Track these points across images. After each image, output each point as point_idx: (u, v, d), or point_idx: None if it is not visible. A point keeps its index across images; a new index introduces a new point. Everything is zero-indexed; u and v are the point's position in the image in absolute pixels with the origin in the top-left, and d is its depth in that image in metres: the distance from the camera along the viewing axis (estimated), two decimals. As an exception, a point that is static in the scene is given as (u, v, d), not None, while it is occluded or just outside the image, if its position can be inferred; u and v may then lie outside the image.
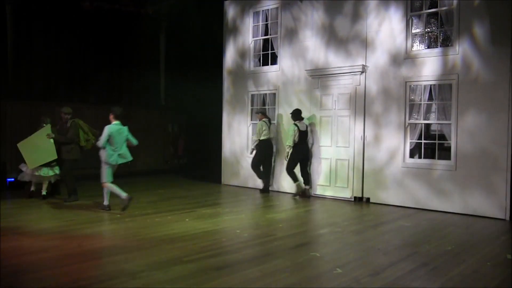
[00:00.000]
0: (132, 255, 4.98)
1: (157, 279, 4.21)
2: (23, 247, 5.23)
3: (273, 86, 10.44)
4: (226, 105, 11.44)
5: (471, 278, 4.43)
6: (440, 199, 7.97)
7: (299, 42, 9.96)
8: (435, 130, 8.74)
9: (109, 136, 7.26)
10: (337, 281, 4.25)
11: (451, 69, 7.87)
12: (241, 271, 4.49)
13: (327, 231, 6.37)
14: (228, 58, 11.41)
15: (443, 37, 8.32)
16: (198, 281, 4.18)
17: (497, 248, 5.63)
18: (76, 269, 4.49)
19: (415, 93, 8.38)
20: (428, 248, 5.48)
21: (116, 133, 7.33)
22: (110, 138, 7.28)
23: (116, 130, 7.34)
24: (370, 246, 5.60)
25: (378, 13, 8.75)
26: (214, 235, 6.04)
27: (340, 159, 9.17)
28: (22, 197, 8.65)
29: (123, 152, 7.46)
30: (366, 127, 8.88)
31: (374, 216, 7.60)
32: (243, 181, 10.98)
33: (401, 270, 4.60)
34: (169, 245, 5.41)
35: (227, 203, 8.75)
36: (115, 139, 7.31)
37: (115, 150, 7.34)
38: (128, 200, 7.33)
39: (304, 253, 5.21)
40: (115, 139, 7.31)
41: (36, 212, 7.36)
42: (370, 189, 8.83)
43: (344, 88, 9.14)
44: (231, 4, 11.31)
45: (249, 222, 6.98)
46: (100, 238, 5.73)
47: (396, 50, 8.52)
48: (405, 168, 8.39)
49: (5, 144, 10.39)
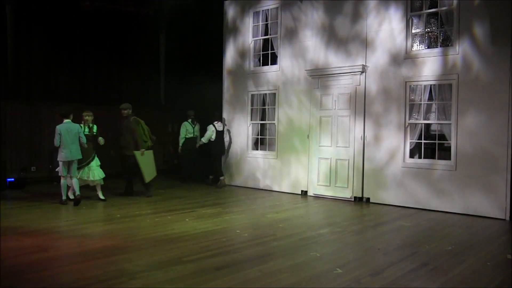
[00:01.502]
0: (132, 255, 4.98)
1: (157, 279, 4.21)
2: (23, 247, 5.22)
3: (273, 86, 10.44)
4: (226, 105, 11.44)
5: (471, 278, 4.43)
6: (440, 199, 7.97)
7: (299, 42, 9.96)
8: (435, 130, 8.73)
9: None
10: (337, 281, 4.25)
11: (451, 69, 7.87)
12: (241, 271, 4.49)
13: (327, 231, 6.37)
14: (228, 58, 11.41)
15: (443, 37, 8.32)
16: (198, 281, 4.18)
17: (497, 248, 5.63)
18: (76, 269, 4.49)
19: (415, 93, 8.38)
20: (428, 248, 5.48)
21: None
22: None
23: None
24: (370, 246, 5.60)
25: (378, 13, 8.75)
26: (214, 235, 6.04)
27: (340, 159, 9.17)
28: (22, 197, 8.65)
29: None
30: (366, 127, 8.88)
31: (374, 216, 7.60)
32: (243, 181, 10.98)
33: (401, 270, 4.60)
34: (169, 245, 5.41)
35: (227, 203, 8.75)
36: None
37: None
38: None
39: (304, 253, 5.21)
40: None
41: (36, 212, 7.36)
42: (370, 189, 8.83)
43: (344, 88, 9.14)
44: (231, 4, 11.31)
45: (249, 222, 6.97)
46: (100, 238, 5.73)
47: (396, 50, 8.52)
48: (405, 168, 8.39)
49: (5, 144, 10.39)
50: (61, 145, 7.81)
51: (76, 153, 7.93)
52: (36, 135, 10.94)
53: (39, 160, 11.00)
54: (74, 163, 7.99)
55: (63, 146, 7.80)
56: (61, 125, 7.91)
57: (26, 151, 10.80)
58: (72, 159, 7.90)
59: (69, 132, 7.85)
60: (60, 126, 7.89)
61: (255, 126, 10.93)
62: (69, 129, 7.88)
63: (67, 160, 7.86)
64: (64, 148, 7.80)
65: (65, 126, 7.89)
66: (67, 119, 7.99)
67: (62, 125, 7.90)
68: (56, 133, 7.83)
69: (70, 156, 7.84)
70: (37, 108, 10.98)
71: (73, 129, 7.92)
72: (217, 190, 10.35)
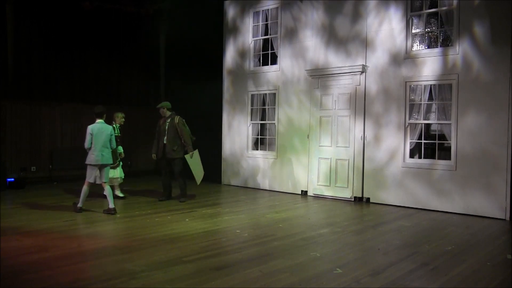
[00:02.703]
0: (132, 255, 4.98)
1: (157, 279, 4.21)
2: (23, 247, 5.22)
3: (273, 86, 10.44)
4: (226, 105, 11.44)
5: (471, 278, 4.43)
6: (440, 199, 7.97)
7: (299, 42, 9.96)
8: (435, 130, 8.73)
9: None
10: (337, 281, 4.25)
11: (451, 69, 7.87)
12: (241, 271, 4.49)
13: (327, 231, 6.37)
14: (228, 58, 11.41)
15: (443, 37, 8.32)
16: (198, 281, 4.18)
17: (497, 248, 5.63)
18: (76, 269, 4.49)
19: (415, 93, 8.38)
20: (428, 248, 5.48)
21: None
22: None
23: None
24: (370, 246, 5.60)
25: (378, 13, 8.75)
26: (214, 235, 6.04)
27: (340, 159, 9.17)
28: (22, 197, 8.65)
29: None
30: (366, 127, 8.88)
31: (374, 216, 7.59)
32: (243, 181, 10.98)
33: (401, 270, 4.60)
34: (169, 245, 5.41)
35: (227, 203, 8.75)
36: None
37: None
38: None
39: (304, 253, 5.21)
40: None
41: (36, 212, 7.36)
42: (370, 189, 8.83)
43: (344, 88, 9.14)
44: (231, 4, 11.31)
45: (249, 222, 6.97)
46: (100, 238, 5.73)
47: (396, 50, 8.52)
48: (405, 168, 8.38)
49: (5, 144, 10.39)
50: (91, 147, 7.21)
51: (108, 157, 7.29)
52: (36, 135, 10.95)
53: (39, 160, 11.01)
54: (107, 168, 7.38)
55: (93, 148, 7.19)
56: (93, 125, 7.30)
57: (26, 151, 10.80)
58: (103, 163, 7.25)
59: (101, 133, 7.25)
60: (92, 126, 7.27)
61: (255, 126, 10.93)
62: (102, 130, 7.28)
63: (97, 164, 7.23)
64: (94, 150, 7.17)
65: (97, 127, 7.28)
66: (101, 119, 7.40)
67: (95, 125, 7.30)
68: (88, 133, 7.21)
69: (101, 160, 7.20)
70: (37, 108, 10.99)
71: (106, 130, 7.33)
72: (214, 190, 10.34)
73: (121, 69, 12.79)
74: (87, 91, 12.11)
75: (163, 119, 8.53)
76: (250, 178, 10.81)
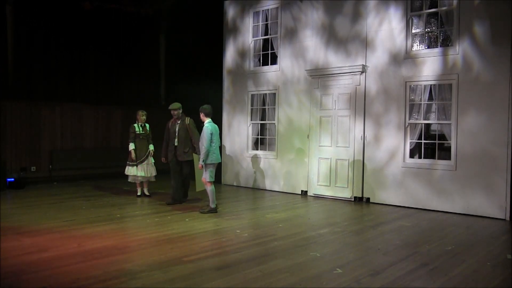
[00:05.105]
0: (132, 255, 4.98)
1: (157, 279, 4.21)
2: (23, 247, 5.22)
3: (273, 86, 10.44)
4: (226, 105, 11.44)
5: (471, 278, 4.43)
6: (440, 199, 7.97)
7: (299, 42, 9.96)
8: (435, 130, 8.73)
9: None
10: (337, 281, 4.25)
11: (451, 69, 7.87)
12: (241, 271, 4.49)
13: (327, 231, 6.37)
14: (228, 58, 11.41)
15: (443, 37, 8.32)
16: (198, 281, 4.18)
17: (497, 248, 5.63)
18: (76, 269, 4.49)
19: (415, 93, 8.38)
20: (428, 248, 5.48)
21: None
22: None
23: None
24: (370, 246, 5.60)
25: (378, 13, 8.75)
26: (214, 235, 6.04)
27: (340, 159, 9.17)
28: (22, 197, 8.64)
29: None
30: (366, 127, 8.88)
31: (374, 216, 7.59)
32: (243, 181, 10.98)
33: (401, 270, 4.60)
34: (169, 245, 5.41)
35: (227, 203, 8.74)
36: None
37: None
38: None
39: (304, 253, 5.21)
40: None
41: (36, 212, 7.36)
42: (370, 189, 8.83)
43: (344, 88, 9.13)
44: (231, 4, 11.31)
45: (249, 222, 6.97)
46: (100, 238, 5.73)
47: (396, 50, 8.52)
48: (405, 168, 8.38)
49: (5, 144, 10.39)
50: (212, 147, 7.26)
51: (219, 155, 7.47)
52: (36, 135, 10.95)
53: (39, 160, 11.01)
54: (214, 167, 7.45)
55: (214, 147, 7.28)
56: (209, 125, 7.34)
57: (26, 151, 10.80)
58: (219, 162, 7.48)
59: (216, 133, 7.39)
60: (209, 126, 7.31)
61: (255, 126, 10.93)
62: (217, 129, 7.43)
63: (217, 163, 7.40)
64: (216, 149, 7.31)
65: (213, 126, 7.39)
66: (209, 118, 7.47)
67: (211, 125, 7.36)
68: (207, 134, 7.22)
69: (220, 158, 7.44)
70: (37, 108, 10.98)
71: (218, 130, 7.48)
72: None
73: (121, 69, 12.78)
74: (87, 91, 12.11)
75: (173, 120, 8.31)
76: (250, 178, 10.81)
